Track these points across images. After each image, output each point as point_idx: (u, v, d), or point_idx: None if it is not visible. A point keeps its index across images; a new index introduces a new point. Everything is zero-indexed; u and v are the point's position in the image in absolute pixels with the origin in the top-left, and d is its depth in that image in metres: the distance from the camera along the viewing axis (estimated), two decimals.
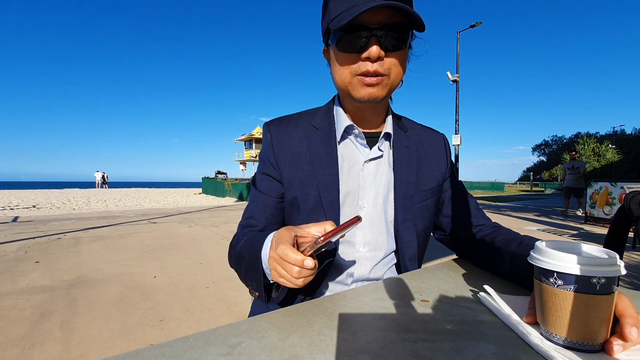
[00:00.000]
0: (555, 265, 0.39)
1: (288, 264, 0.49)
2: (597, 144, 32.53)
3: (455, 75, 14.89)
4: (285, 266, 0.50)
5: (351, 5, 0.59)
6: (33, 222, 6.59)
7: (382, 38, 0.60)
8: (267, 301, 0.63)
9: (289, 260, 0.49)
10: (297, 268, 0.48)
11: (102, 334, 1.98)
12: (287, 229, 0.55)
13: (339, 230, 0.49)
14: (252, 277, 0.62)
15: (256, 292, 0.64)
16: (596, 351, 0.39)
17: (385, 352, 0.38)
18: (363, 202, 0.73)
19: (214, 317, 2.27)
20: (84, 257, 3.80)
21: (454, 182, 0.84)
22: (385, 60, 0.62)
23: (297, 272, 0.49)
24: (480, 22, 14.41)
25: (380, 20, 0.59)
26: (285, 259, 0.49)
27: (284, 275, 0.50)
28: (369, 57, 0.60)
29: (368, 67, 0.61)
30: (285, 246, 0.49)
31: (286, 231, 0.54)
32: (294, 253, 0.48)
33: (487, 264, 0.71)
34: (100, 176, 30.57)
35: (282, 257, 0.49)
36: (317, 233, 0.54)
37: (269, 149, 0.75)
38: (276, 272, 0.52)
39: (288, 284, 0.51)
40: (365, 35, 0.60)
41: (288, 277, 0.50)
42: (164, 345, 0.39)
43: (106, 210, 9.24)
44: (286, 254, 0.49)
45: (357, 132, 0.73)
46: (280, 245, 0.50)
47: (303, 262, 0.48)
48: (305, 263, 0.48)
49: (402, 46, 0.62)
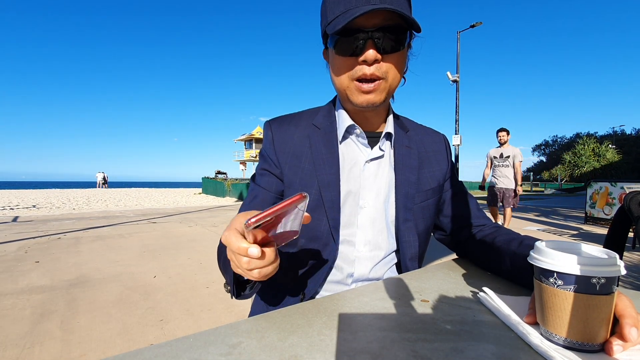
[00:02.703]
0: (555, 266, 0.39)
1: (237, 255, 0.43)
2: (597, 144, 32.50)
3: (455, 75, 14.88)
4: (234, 256, 0.44)
5: (347, 9, 0.59)
6: (33, 222, 6.59)
7: (379, 40, 0.59)
8: (235, 296, 0.59)
9: (233, 250, 0.43)
10: (245, 259, 0.43)
11: (102, 334, 1.98)
12: (245, 213, 0.46)
13: (277, 210, 0.40)
14: (226, 270, 0.58)
15: (228, 285, 0.59)
16: (596, 351, 0.39)
17: (385, 352, 0.38)
18: (364, 202, 0.73)
19: (214, 317, 2.27)
20: (84, 257, 3.80)
21: (454, 183, 0.84)
22: (382, 63, 0.61)
23: (245, 262, 0.43)
24: (480, 23, 14.41)
25: (377, 23, 0.59)
26: (230, 248, 0.44)
27: (236, 265, 0.45)
28: (366, 60, 0.60)
29: (365, 71, 0.61)
30: (229, 232, 0.44)
31: (240, 216, 0.47)
32: (238, 240, 0.42)
33: (487, 264, 0.71)
34: (101, 176, 30.62)
35: (227, 245, 0.44)
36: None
37: (270, 147, 0.75)
38: (233, 264, 0.47)
39: (246, 276, 0.46)
40: (362, 38, 0.59)
41: (239, 265, 0.44)
42: (164, 345, 0.39)
43: (106, 210, 9.24)
44: (229, 242, 0.43)
45: (358, 131, 0.73)
46: (225, 232, 0.44)
47: (247, 250, 0.42)
48: (249, 251, 0.42)
49: (400, 47, 0.62)
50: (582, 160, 32.78)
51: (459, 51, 14.83)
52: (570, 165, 34.30)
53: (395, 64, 0.63)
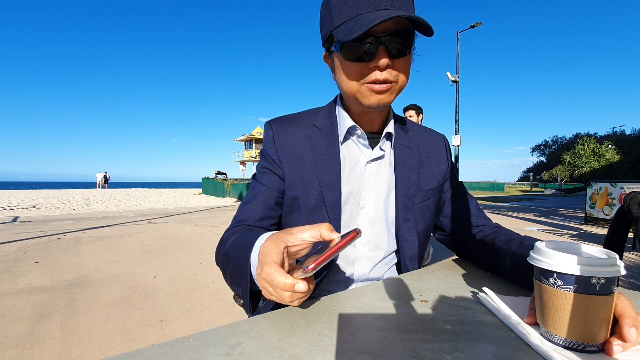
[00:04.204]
0: (555, 266, 0.39)
1: (278, 289, 0.44)
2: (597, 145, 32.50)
3: (455, 76, 14.89)
4: (275, 290, 0.45)
5: (357, 13, 0.58)
6: (33, 222, 6.59)
7: (389, 45, 0.58)
8: (251, 311, 0.59)
9: (277, 286, 0.43)
10: (288, 293, 0.43)
11: (102, 334, 1.98)
12: (274, 239, 0.48)
13: (335, 251, 0.43)
14: (238, 282, 0.56)
15: (241, 299, 0.58)
16: (596, 351, 0.39)
17: (385, 352, 0.38)
18: (364, 202, 0.73)
19: (214, 317, 2.27)
20: (83, 257, 3.80)
21: (454, 183, 0.84)
22: (393, 67, 0.61)
23: (288, 296, 0.44)
24: (480, 23, 14.42)
25: (388, 27, 0.58)
26: (273, 284, 0.44)
27: (275, 297, 0.46)
28: (379, 66, 0.59)
29: (377, 76, 0.60)
30: (270, 268, 0.44)
31: (273, 244, 0.47)
32: (282, 277, 0.43)
33: (487, 264, 0.71)
34: (101, 177, 30.62)
35: (268, 281, 0.44)
36: (311, 238, 0.48)
37: (271, 147, 0.74)
38: (267, 291, 0.47)
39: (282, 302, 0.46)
40: (373, 44, 0.58)
41: (280, 300, 0.45)
42: (164, 345, 0.39)
43: (106, 211, 9.23)
44: (272, 279, 0.43)
45: (359, 132, 0.73)
46: (265, 267, 0.44)
47: (293, 287, 0.42)
48: (296, 287, 0.42)
49: (408, 51, 0.62)
50: (582, 160, 32.79)
51: (459, 51, 14.83)
52: (570, 166, 34.31)
53: (405, 66, 0.63)
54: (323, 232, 0.48)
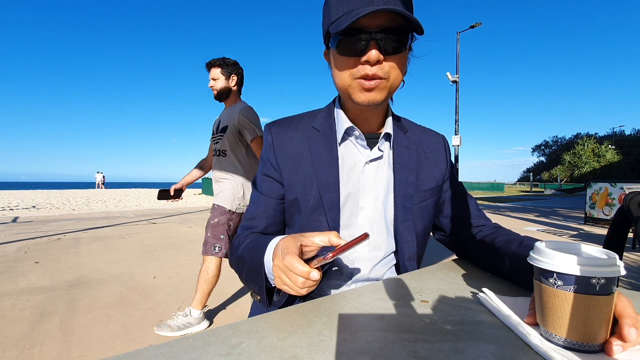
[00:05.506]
0: (554, 266, 0.39)
1: (293, 274, 0.51)
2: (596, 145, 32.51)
3: (455, 76, 14.90)
4: (290, 276, 0.51)
5: (350, 9, 0.59)
6: (33, 223, 6.59)
7: (382, 41, 0.60)
8: (268, 305, 0.65)
9: (295, 272, 0.50)
10: (302, 279, 0.50)
11: (102, 335, 1.98)
12: (292, 237, 0.57)
13: (348, 247, 0.52)
14: (254, 281, 0.64)
15: (257, 295, 0.66)
16: (596, 352, 0.39)
17: (385, 353, 0.38)
18: (363, 203, 0.73)
19: (214, 317, 2.27)
20: (83, 257, 3.80)
21: (453, 183, 0.84)
22: (385, 64, 0.61)
23: (301, 282, 0.51)
24: (480, 23, 14.43)
25: (380, 24, 0.59)
26: (292, 270, 0.51)
27: (288, 284, 0.52)
28: (368, 60, 0.60)
29: (367, 71, 0.61)
30: (292, 257, 0.51)
31: (292, 240, 0.56)
32: (301, 265, 0.50)
33: (487, 264, 0.71)
34: (101, 177, 30.66)
35: (288, 267, 0.51)
36: (320, 242, 0.57)
37: (270, 150, 0.75)
38: (280, 280, 0.54)
39: (291, 292, 0.53)
40: (365, 39, 0.60)
41: (292, 286, 0.52)
42: (163, 346, 0.39)
43: (106, 211, 9.23)
44: (292, 264, 0.51)
45: (357, 133, 0.73)
46: (288, 256, 0.52)
47: (309, 274, 0.50)
48: (311, 275, 0.50)
49: (402, 49, 0.62)
50: (582, 160, 32.80)
51: (459, 52, 14.85)
52: (570, 166, 34.32)
53: (397, 65, 0.63)
54: (332, 238, 0.56)
